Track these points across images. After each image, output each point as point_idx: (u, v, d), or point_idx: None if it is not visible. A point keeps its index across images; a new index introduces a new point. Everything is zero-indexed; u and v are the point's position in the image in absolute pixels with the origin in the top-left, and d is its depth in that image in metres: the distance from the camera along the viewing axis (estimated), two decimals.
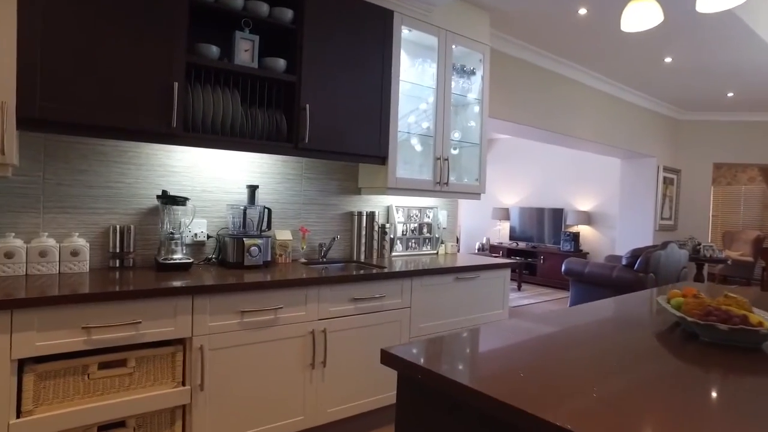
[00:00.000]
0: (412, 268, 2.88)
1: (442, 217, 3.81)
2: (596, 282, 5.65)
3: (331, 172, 3.21)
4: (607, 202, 7.97)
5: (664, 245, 5.55)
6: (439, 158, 3.32)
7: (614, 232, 7.76)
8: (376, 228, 3.32)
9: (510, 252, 8.82)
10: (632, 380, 1.08)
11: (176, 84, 2.22)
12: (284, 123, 2.65)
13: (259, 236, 2.65)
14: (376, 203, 3.46)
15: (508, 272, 3.47)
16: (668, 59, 4.81)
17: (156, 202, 2.54)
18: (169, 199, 2.46)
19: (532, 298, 7.11)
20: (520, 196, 9.28)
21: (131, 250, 2.43)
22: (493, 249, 8.99)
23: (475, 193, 3.60)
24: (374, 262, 3.13)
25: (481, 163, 3.62)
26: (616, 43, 4.47)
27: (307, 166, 3.10)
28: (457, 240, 9.67)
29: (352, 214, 3.29)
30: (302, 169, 3.08)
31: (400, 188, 3.13)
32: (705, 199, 7.26)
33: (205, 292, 2.09)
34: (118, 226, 2.40)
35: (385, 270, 2.78)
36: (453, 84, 3.46)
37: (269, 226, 2.79)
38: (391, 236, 3.45)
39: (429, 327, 2.96)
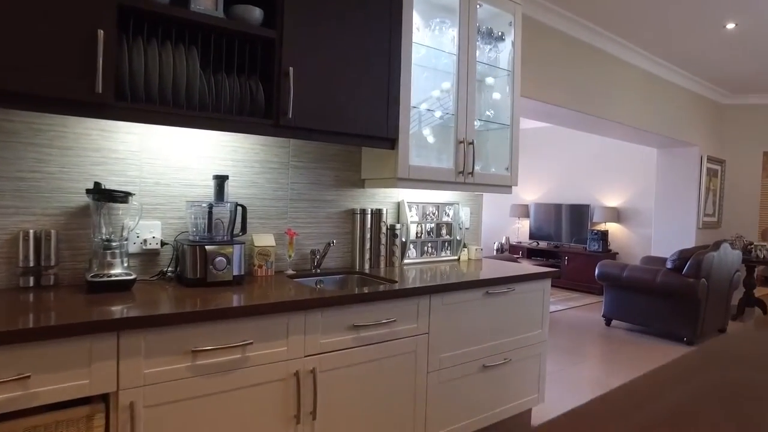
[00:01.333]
0: (430, 282, 2.22)
1: (465, 215, 3.14)
2: (636, 288, 4.95)
3: (326, 159, 2.55)
4: (638, 197, 7.24)
5: (717, 245, 4.84)
6: (462, 142, 2.65)
7: (648, 231, 7.03)
8: (383, 229, 2.66)
9: (530, 252, 8.12)
10: None
11: (101, 33, 1.57)
12: (261, 93, 2.00)
13: (230, 242, 2.00)
14: (384, 199, 2.80)
15: (548, 284, 2.80)
16: (731, 24, 4.09)
17: (87, 198, 1.90)
18: (103, 195, 1.82)
19: (558, 303, 6.42)
20: (541, 191, 8.58)
21: (52, 263, 1.79)
22: (512, 249, 8.29)
23: (505, 186, 2.92)
24: (382, 273, 2.47)
25: (513, 148, 2.95)
26: (667, 3, 3.76)
27: (295, 151, 2.44)
28: None
29: (353, 212, 2.63)
30: (288, 155, 2.42)
31: (413, 179, 2.47)
32: (754, 192, 6.51)
33: (138, 326, 1.45)
34: (32, 232, 1.76)
35: (396, 285, 2.12)
36: (478, 52, 2.79)
37: (244, 229, 2.15)
38: (403, 239, 2.79)
39: (453, 357, 2.30)
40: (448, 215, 3.07)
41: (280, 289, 1.94)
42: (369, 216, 2.62)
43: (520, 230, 8.80)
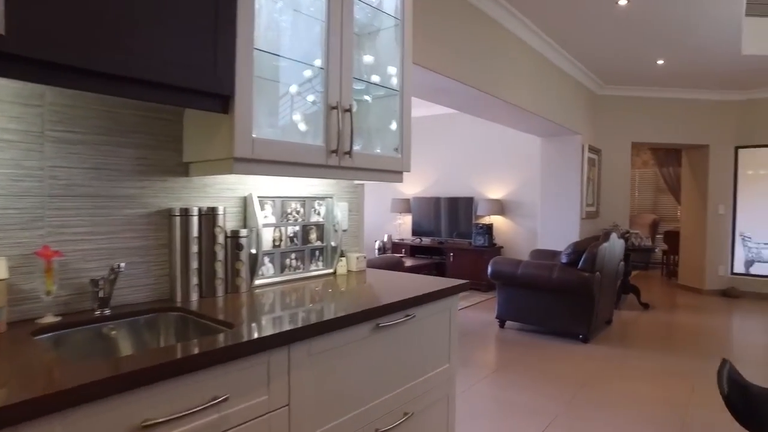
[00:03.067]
0: (289, 323, 1.38)
1: (342, 212, 2.34)
2: (532, 285, 4.55)
3: (122, 129, 1.59)
4: (522, 188, 7.04)
5: (607, 236, 4.60)
6: (336, 107, 1.84)
7: (532, 223, 6.85)
8: (220, 238, 1.77)
9: (414, 250, 7.61)
10: None
11: None
12: None
13: None
14: (221, 192, 1.90)
15: (455, 300, 2.10)
16: (623, 1, 3.78)
17: None
18: None
19: None
20: (423, 184, 8.12)
21: None
22: (394, 248, 7.71)
23: (394, 172, 2.17)
24: (218, 307, 1.58)
25: (404, 123, 2.21)
26: None
27: (59, 114, 1.45)
28: None
29: (170, 213, 1.70)
30: (42, 120, 1.42)
31: (261, 160, 1.61)
32: (625, 182, 6.58)
33: None
34: None
35: (229, 332, 1.25)
36: None
37: None
38: (253, 251, 1.91)
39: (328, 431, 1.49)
40: (319, 213, 2.25)
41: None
42: (196, 219, 1.71)
43: (402, 227, 8.28)
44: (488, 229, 6.87)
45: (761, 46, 5.13)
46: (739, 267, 7.02)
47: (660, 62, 5.35)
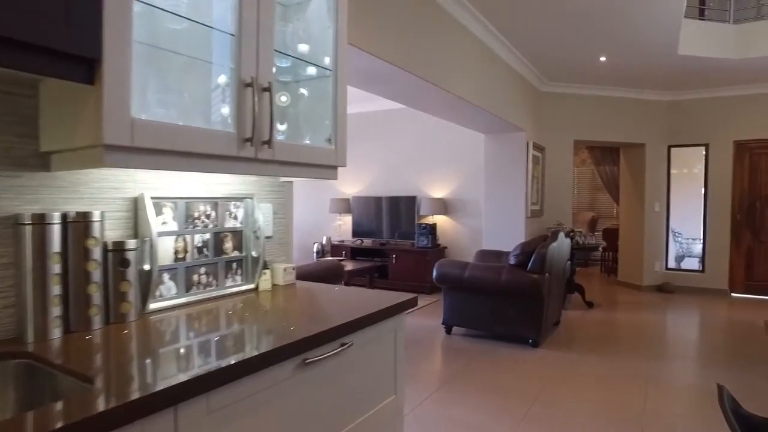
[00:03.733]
0: (178, 374, 0.99)
1: (264, 215, 1.95)
2: (479, 289, 4.31)
3: None
4: (465, 187, 6.86)
5: (555, 235, 4.44)
6: (251, 84, 1.45)
7: (477, 222, 6.67)
8: (94, 253, 1.34)
9: (354, 252, 7.27)
10: None
11: None
12: None
13: None
14: (101, 192, 1.47)
15: (402, 320, 1.77)
16: None
17: None
18: None
19: None
20: (363, 183, 7.78)
21: None
22: (334, 250, 7.33)
23: (326, 167, 1.81)
24: (85, 348, 1.16)
25: (338, 109, 1.84)
26: None
27: None
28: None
29: (15, 222, 1.25)
30: None
31: (146, 149, 1.20)
32: (567, 180, 6.53)
33: None
34: None
35: (85, 391, 0.84)
36: None
37: None
38: (146, 267, 1.50)
39: None
40: (236, 218, 1.85)
41: None
42: (58, 228, 1.27)
43: (342, 228, 7.91)
44: (432, 229, 6.63)
45: (696, 48, 5.18)
46: (671, 262, 7.18)
47: (602, 59, 5.29)
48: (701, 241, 6.96)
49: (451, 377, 3.57)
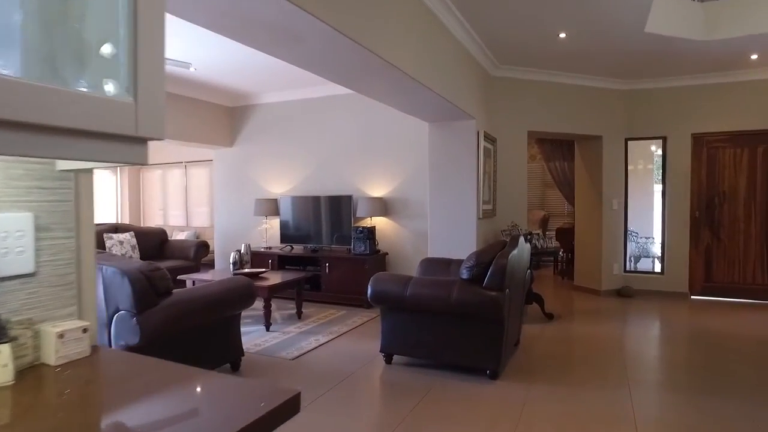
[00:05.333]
0: None
1: (12, 236, 1.00)
2: (424, 309, 3.49)
3: None
4: (407, 184, 6.04)
5: (515, 241, 3.68)
6: None
7: (421, 225, 5.86)
8: None
9: (283, 260, 6.29)
10: None
11: None
12: None
13: None
14: None
15: None
16: None
17: None
18: None
19: (320, 332, 4.69)
20: (293, 182, 6.82)
21: None
22: (256, 259, 6.31)
23: (115, 137, 0.87)
24: None
25: (140, 19, 0.91)
26: None
27: None
28: (201, 261, 6.32)
29: None
30: None
31: None
32: (521, 176, 5.85)
33: None
34: None
35: None
36: None
37: None
38: None
39: None
40: None
41: None
42: None
43: (270, 232, 6.91)
44: (370, 233, 5.77)
45: (665, 26, 4.59)
46: (629, 264, 6.69)
47: (562, 35, 4.60)
48: (659, 240, 6.49)
49: (389, 428, 2.71)
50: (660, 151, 6.44)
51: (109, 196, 10.02)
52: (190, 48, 4.94)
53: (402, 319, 3.61)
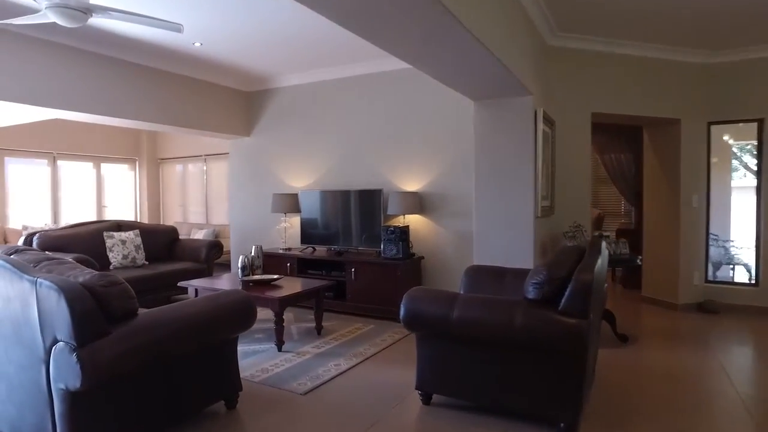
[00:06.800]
0: None
1: None
2: (476, 338, 2.62)
3: None
4: (446, 176, 5.16)
5: (596, 249, 2.77)
6: None
7: (465, 225, 4.98)
8: None
9: (303, 264, 5.51)
10: None
11: None
12: None
13: None
14: None
15: None
16: None
17: None
18: None
19: (342, 354, 3.87)
20: (315, 174, 6.04)
21: None
22: (272, 263, 5.54)
23: None
24: None
25: None
26: None
27: None
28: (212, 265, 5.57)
29: None
30: None
31: None
32: (584, 167, 4.89)
33: None
34: None
35: None
36: None
37: None
38: None
39: None
40: None
41: None
42: None
43: (290, 231, 6.14)
44: (402, 233, 4.92)
45: None
46: (711, 273, 5.64)
47: None
48: (742, 244, 5.42)
49: None
50: (733, 141, 5.36)
51: (127, 191, 9.49)
52: (189, 17, 4.19)
53: (445, 348, 2.75)
